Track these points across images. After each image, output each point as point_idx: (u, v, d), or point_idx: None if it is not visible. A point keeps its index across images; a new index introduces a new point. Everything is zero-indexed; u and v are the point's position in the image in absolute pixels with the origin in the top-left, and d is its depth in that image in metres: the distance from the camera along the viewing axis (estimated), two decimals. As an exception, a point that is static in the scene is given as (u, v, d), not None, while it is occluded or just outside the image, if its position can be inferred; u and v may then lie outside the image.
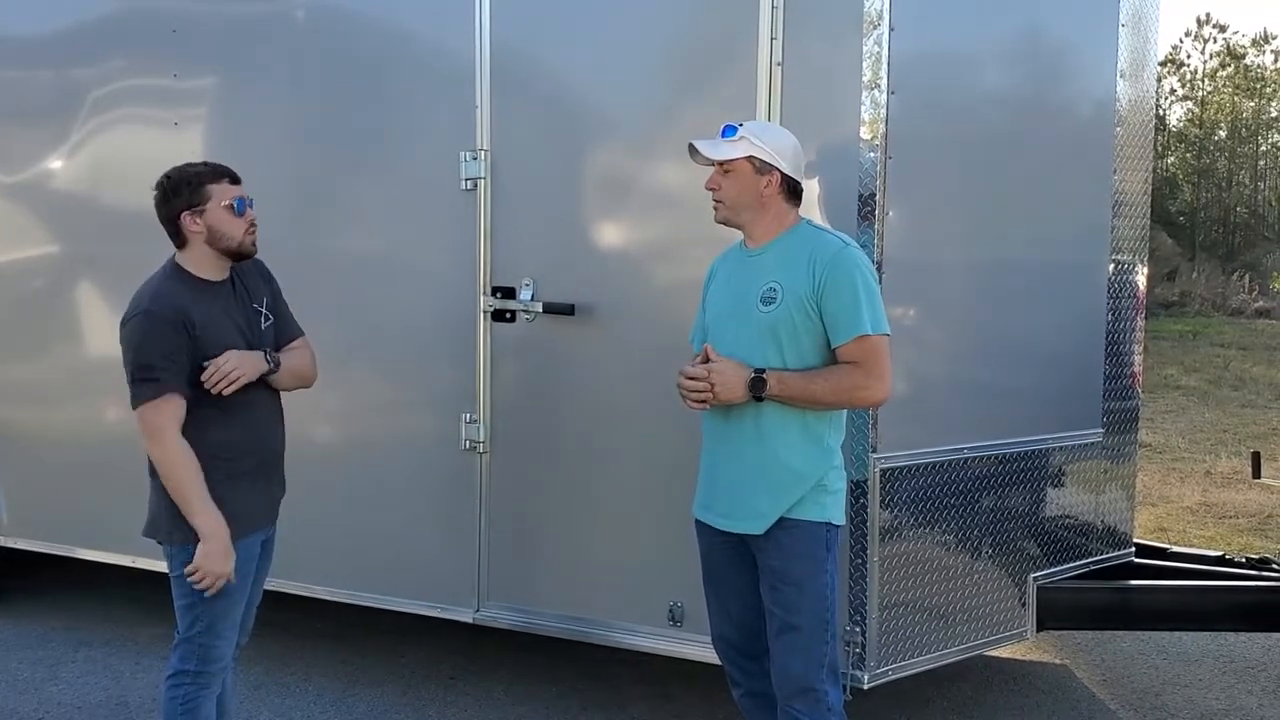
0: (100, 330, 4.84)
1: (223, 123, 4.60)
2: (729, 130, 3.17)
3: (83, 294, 4.93)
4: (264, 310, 3.34)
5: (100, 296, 4.85)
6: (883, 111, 3.52)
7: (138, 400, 3.09)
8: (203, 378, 3.10)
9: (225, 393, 3.12)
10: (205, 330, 3.13)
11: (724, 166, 3.15)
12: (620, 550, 3.99)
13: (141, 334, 3.08)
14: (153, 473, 3.20)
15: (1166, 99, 34.32)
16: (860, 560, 3.63)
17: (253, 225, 3.23)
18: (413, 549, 4.34)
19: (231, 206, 3.18)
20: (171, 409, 3.07)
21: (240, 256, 3.24)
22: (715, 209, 3.20)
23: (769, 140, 3.16)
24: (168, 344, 3.06)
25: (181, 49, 4.62)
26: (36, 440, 5.13)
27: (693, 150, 3.19)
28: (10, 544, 5.23)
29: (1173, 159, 33.54)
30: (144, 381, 3.06)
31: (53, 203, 4.99)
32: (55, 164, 4.97)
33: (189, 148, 4.50)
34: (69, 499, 5.02)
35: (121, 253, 4.69)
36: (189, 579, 3.11)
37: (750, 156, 3.13)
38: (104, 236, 4.82)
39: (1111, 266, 4.33)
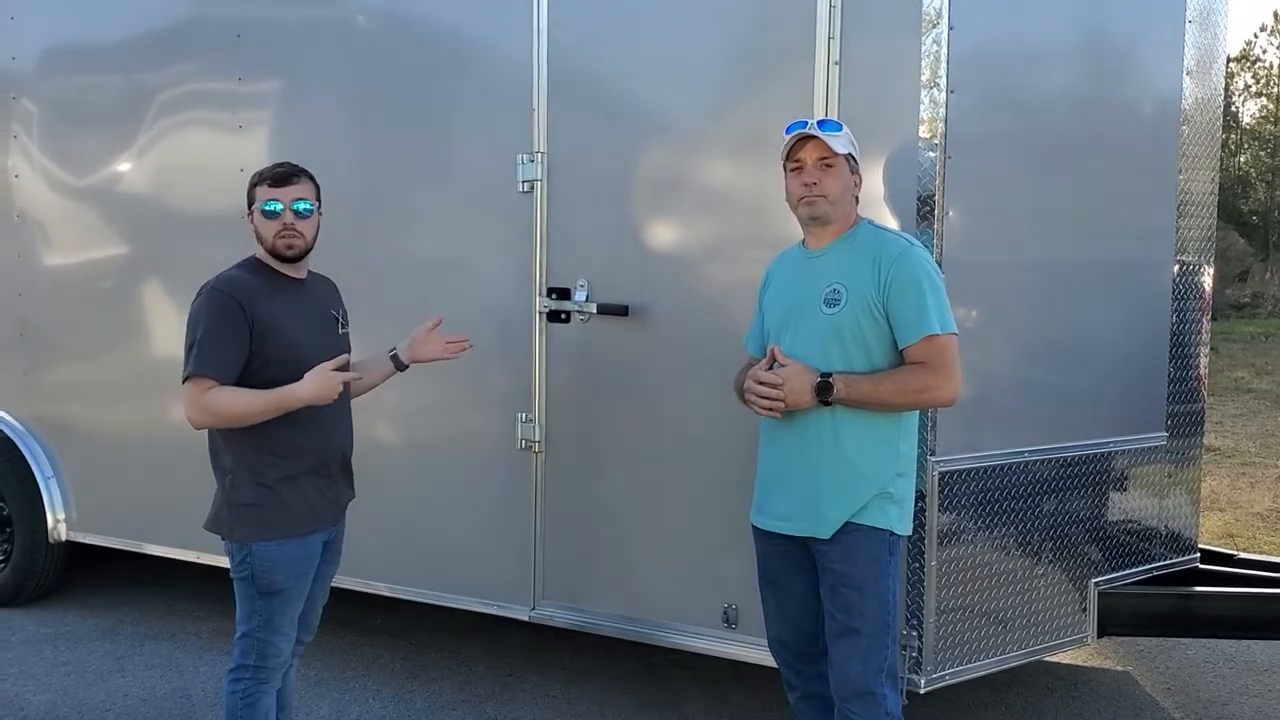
0: (166, 330, 4.93)
1: (285, 126, 4.67)
2: (833, 125, 3.14)
3: (149, 294, 5.04)
4: (340, 319, 3.41)
5: (166, 297, 4.94)
6: (941, 110, 3.49)
7: (183, 372, 3.16)
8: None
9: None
10: (272, 320, 3.17)
11: (827, 161, 3.11)
12: (675, 551, 3.99)
13: (197, 312, 3.17)
14: (217, 467, 3.26)
15: (1239, 95, 33.61)
16: (918, 564, 3.60)
17: (285, 229, 3.22)
18: (469, 547, 4.38)
19: (262, 210, 3.23)
20: (205, 384, 3.11)
21: (279, 258, 3.26)
22: (815, 202, 3.11)
23: (855, 142, 3.18)
24: (220, 322, 3.12)
25: (245, 53, 4.70)
26: (103, 438, 5.24)
27: (800, 138, 3.11)
28: (79, 539, 5.36)
29: (1245, 157, 32.84)
30: (188, 357, 3.15)
31: (121, 204, 5.10)
32: (124, 166, 5.07)
33: (252, 151, 4.59)
34: (135, 495, 5.13)
35: (187, 254, 4.78)
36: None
37: (849, 155, 3.13)
38: (170, 238, 4.92)
39: (1176, 268, 4.25)
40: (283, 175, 3.25)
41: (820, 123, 3.13)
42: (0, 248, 5.43)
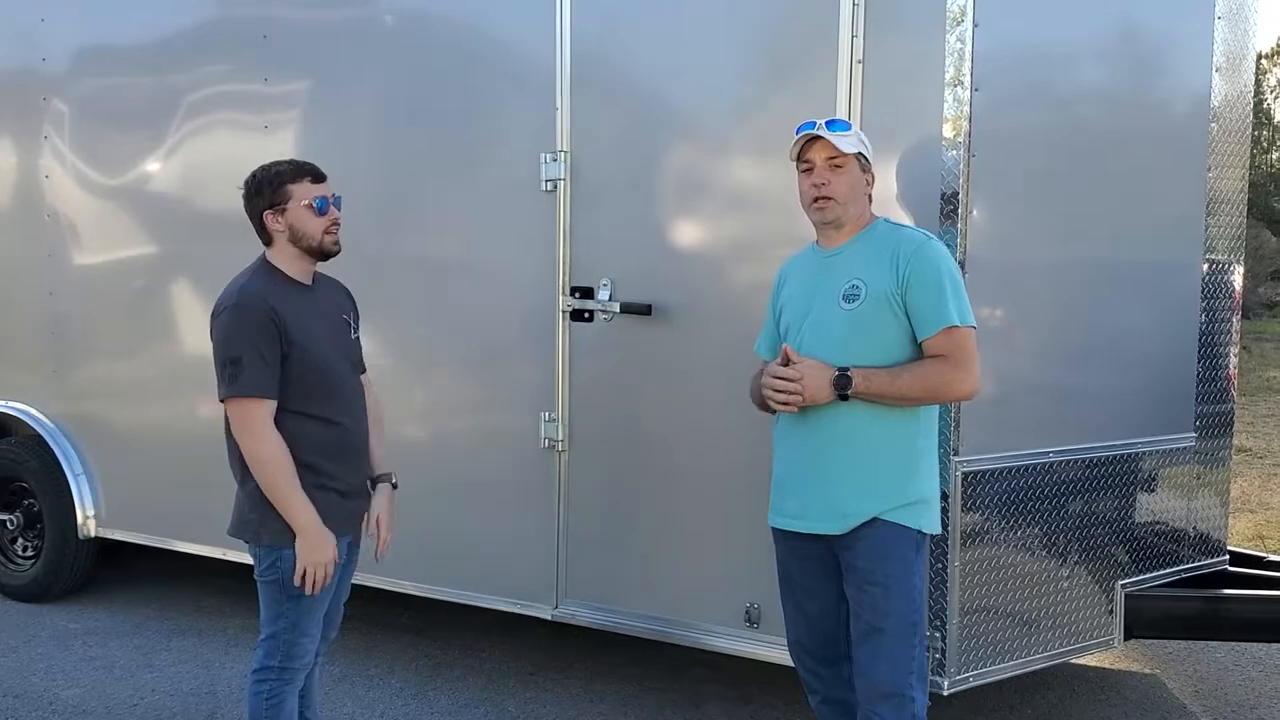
0: (194, 329, 4.97)
1: (311, 126, 4.70)
2: (841, 125, 3.14)
3: (177, 293, 5.08)
4: (352, 323, 3.39)
5: (194, 296, 4.98)
6: (965, 109, 3.47)
7: (226, 393, 3.11)
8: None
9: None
10: (296, 327, 3.15)
11: (835, 161, 3.10)
12: (697, 550, 3.98)
13: (230, 327, 3.10)
14: (240, 470, 3.25)
15: (1271, 92, 33.19)
16: (941, 565, 3.58)
17: (334, 224, 3.22)
18: (493, 545, 4.39)
19: (312, 205, 3.19)
20: (257, 406, 3.09)
21: (322, 255, 3.24)
22: (825, 207, 3.11)
23: (865, 139, 3.17)
24: (257, 337, 3.07)
25: (272, 55, 4.73)
26: (133, 435, 5.29)
27: (807, 139, 3.11)
28: (108, 535, 5.40)
29: (1277, 154, 32.43)
30: (232, 375, 3.08)
31: (150, 204, 5.14)
32: (153, 167, 5.11)
33: (279, 151, 4.59)
34: (163, 493, 5.17)
35: (214, 253, 4.79)
36: (296, 585, 3.13)
37: (859, 154, 3.12)
38: (197, 237, 4.95)
39: (1205, 266, 4.21)
40: (318, 170, 3.25)
41: (829, 122, 3.12)
42: (31, 247, 5.49)
